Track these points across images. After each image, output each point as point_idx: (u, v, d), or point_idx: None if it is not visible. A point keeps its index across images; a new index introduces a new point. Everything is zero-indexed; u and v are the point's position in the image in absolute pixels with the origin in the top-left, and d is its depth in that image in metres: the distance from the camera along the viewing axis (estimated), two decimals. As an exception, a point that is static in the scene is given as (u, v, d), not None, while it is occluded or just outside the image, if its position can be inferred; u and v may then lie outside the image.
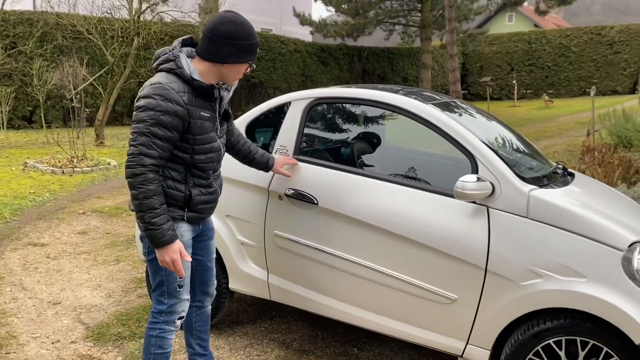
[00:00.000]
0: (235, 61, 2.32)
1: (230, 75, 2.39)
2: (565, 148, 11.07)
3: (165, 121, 2.20)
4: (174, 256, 2.28)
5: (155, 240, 2.25)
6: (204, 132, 2.35)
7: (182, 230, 2.43)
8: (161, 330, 2.48)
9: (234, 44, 2.28)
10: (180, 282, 2.46)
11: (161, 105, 2.20)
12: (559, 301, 2.40)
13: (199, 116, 2.31)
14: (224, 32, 2.26)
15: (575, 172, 3.25)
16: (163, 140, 2.22)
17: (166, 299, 2.47)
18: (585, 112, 18.32)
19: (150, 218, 2.21)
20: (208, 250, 2.72)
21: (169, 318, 2.48)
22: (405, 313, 2.80)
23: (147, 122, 2.19)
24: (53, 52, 14.40)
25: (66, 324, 3.62)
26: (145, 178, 2.19)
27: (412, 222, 2.72)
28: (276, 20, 30.10)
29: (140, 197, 2.20)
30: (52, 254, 5.01)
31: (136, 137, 2.21)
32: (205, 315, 2.82)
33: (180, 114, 2.23)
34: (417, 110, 2.89)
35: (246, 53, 2.33)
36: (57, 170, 8.61)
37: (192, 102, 2.28)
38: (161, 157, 2.24)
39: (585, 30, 26.49)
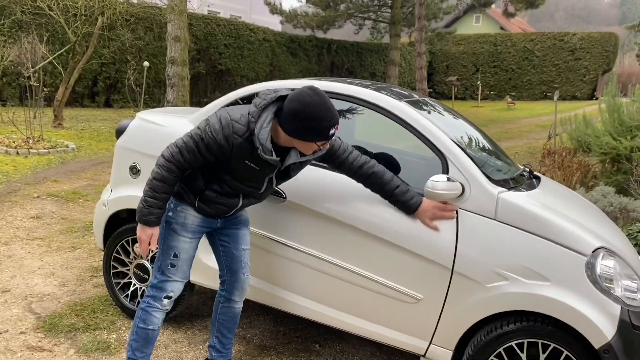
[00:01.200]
0: (298, 137, 2.29)
1: (300, 147, 2.35)
2: (526, 150, 11.30)
3: (210, 146, 2.31)
4: (143, 237, 2.40)
5: (140, 214, 2.37)
6: (242, 173, 2.40)
7: (187, 212, 2.51)
8: (148, 304, 2.55)
9: (300, 123, 2.25)
10: (174, 261, 2.52)
11: (216, 132, 2.28)
12: (523, 304, 2.42)
13: (242, 163, 2.36)
14: (291, 109, 2.25)
15: (541, 176, 3.28)
16: (201, 155, 2.34)
17: (159, 275, 2.55)
18: (545, 115, 18.78)
19: (148, 196, 2.35)
20: (234, 238, 2.70)
21: (157, 294, 2.54)
22: (369, 311, 2.78)
23: (200, 135, 2.31)
24: (11, 27, 13.77)
25: (15, 313, 3.46)
26: (168, 167, 2.33)
27: (379, 220, 2.69)
28: (246, 7, 29.67)
29: (155, 176, 2.34)
30: (3, 238, 4.79)
31: (189, 137, 2.34)
32: (233, 312, 2.78)
33: (224, 150, 2.31)
34: (389, 106, 2.85)
35: (309, 134, 2.27)
36: (12, 150, 8.26)
37: (243, 149, 2.31)
38: (191, 164, 2.36)
39: (549, 35, 27.11)
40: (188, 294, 3.33)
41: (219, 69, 18.62)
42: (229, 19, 20.17)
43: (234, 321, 2.81)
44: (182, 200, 2.51)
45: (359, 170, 2.64)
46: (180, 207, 2.51)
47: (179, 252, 2.52)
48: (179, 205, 2.51)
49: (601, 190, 5.24)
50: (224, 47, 18.82)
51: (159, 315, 2.56)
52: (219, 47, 18.62)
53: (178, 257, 2.53)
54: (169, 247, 2.51)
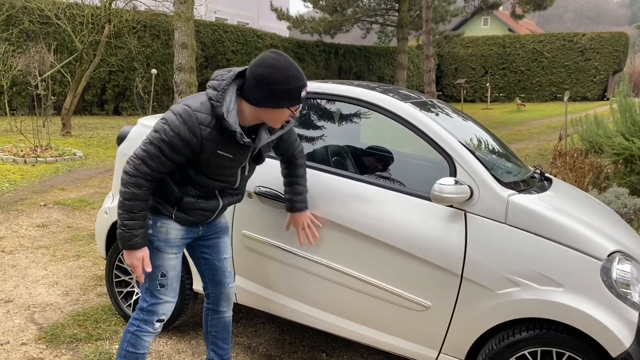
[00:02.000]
0: (268, 106, 2.14)
1: (271, 120, 2.20)
2: (536, 152, 11.16)
3: (175, 144, 2.13)
4: (135, 262, 2.25)
5: (122, 241, 2.22)
6: (215, 166, 2.24)
7: (168, 226, 2.36)
8: (138, 328, 2.41)
9: (268, 89, 2.11)
10: (162, 281, 2.38)
11: (178, 128, 2.12)
12: (535, 311, 2.32)
13: (214, 153, 2.20)
14: (258, 75, 2.11)
15: (552, 178, 3.18)
16: (167, 159, 2.17)
17: (148, 297, 2.40)
18: (556, 116, 18.60)
19: (125, 219, 2.18)
20: (215, 248, 2.58)
21: (148, 317, 2.41)
22: (376, 319, 2.69)
23: (160, 137, 2.14)
24: (19, 36, 13.89)
25: (18, 324, 3.40)
26: (136, 182, 2.16)
27: (385, 225, 2.60)
28: (253, 14, 29.77)
29: (125, 196, 2.17)
30: (8, 247, 4.76)
31: (147, 144, 2.17)
32: (223, 323, 2.69)
33: (192, 144, 2.14)
34: (395, 109, 2.77)
35: (282, 98, 2.13)
36: (19, 159, 8.27)
37: (213, 138, 2.16)
38: (159, 171, 2.19)
39: (558, 36, 26.90)
40: (192, 303, 3.26)
41: (226, 75, 18.61)
42: (236, 26, 20.21)
43: (227, 330, 2.72)
44: (160, 215, 2.33)
45: (291, 158, 2.64)
46: (159, 223, 2.34)
47: (167, 271, 2.37)
48: (157, 221, 2.34)
49: (614, 191, 5.12)
50: (232, 54, 18.85)
51: (150, 338, 2.43)
52: (227, 54, 18.66)
53: (166, 275, 2.38)
54: (155, 267, 2.35)
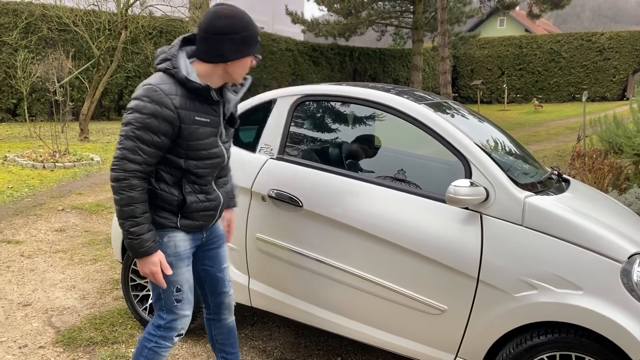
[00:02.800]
0: (237, 57, 2.13)
1: (236, 73, 2.19)
2: (554, 153, 11.02)
3: (152, 125, 2.04)
4: (153, 268, 2.14)
5: (134, 250, 2.11)
6: (199, 138, 2.16)
7: (176, 239, 2.25)
8: (157, 344, 2.33)
9: (233, 39, 2.09)
10: (178, 295, 2.28)
11: (148, 108, 2.04)
12: (553, 314, 2.28)
13: (192, 121, 2.12)
14: (220, 29, 2.08)
15: (570, 179, 3.13)
16: (150, 146, 2.06)
17: (165, 314, 2.31)
18: (574, 117, 18.36)
19: (130, 226, 2.07)
20: (216, 259, 2.50)
21: (167, 334, 2.32)
22: (391, 323, 2.67)
23: (133, 126, 2.04)
24: (38, 43, 14.11)
25: (36, 327, 3.44)
26: (128, 184, 2.05)
27: (400, 228, 2.58)
28: (268, 18, 29.88)
29: (121, 203, 2.06)
30: (27, 252, 4.82)
31: (122, 141, 2.06)
32: (227, 328, 2.63)
33: (168, 118, 2.05)
34: (409, 110, 2.75)
35: (246, 46, 2.13)
36: (38, 164, 8.38)
37: (185, 105, 2.10)
38: (147, 163, 2.08)
39: (576, 36, 26.59)
40: (207, 306, 3.26)
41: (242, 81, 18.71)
42: (251, 30, 20.25)
43: (233, 335, 2.66)
44: (164, 229, 2.21)
45: None
46: (166, 238, 2.22)
47: (181, 285, 2.29)
48: (164, 236, 2.22)
49: (635, 192, 5.02)
50: (247, 58, 18.90)
51: (168, 352, 2.37)
52: (242, 58, 18.72)
53: (181, 290, 2.29)
54: (169, 283, 2.25)
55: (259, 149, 3.05)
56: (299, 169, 2.90)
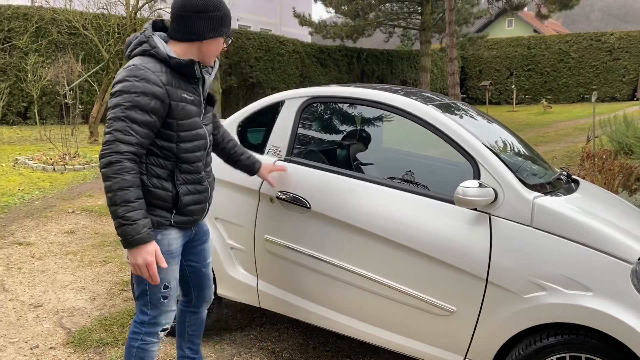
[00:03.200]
0: (213, 35, 2.17)
1: (210, 53, 2.22)
2: (564, 154, 10.96)
3: (142, 103, 2.01)
4: (148, 258, 2.02)
5: (128, 237, 1.99)
6: (187, 117, 2.16)
7: (170, 237, 2.24)
8: (143, 341, 2.31)
9: (209, 17, 2.13)
10: (165, 292, 2.26)
11: (137, 87, 2.01)
12: (563, 316, 2.27)
13: (180, 98, 2.13)
14: (196, 6, 2.11)
15: (579, 179, 3.12)
16: (141, 125, 2.02)
17: (149, 310, 2.28)
18: (584, 118, 18.25)
19: (124, 212, 1.96)
20: (201, 255, 2.53)
21: (152, 329, 2.31)
22: (400, 324, 2.67)
23: (122, 106, 2.00)
24: (48, 47, 14.24)
25: (46, 328, 3.47)
26: (121, 167, 1.97)
27: (409, 229, 2.58)
28: (276, 20, 29.98)
29: (114, 187, 1.96)
30: (38, 253, 4.86)
31: (111, 123, 2.01)
32: (200, 320, 2.68)
33: (158, 94, 2.04)
34: (417, 111, 2.75)
35: (221, 25, 2.18)
36: (48, 167, 8.45)
37: (171, 82, 2.11)
38: (140, 145, 2.03)
39: (585, 36, 26.43)
40: (216, 307, 3.28)
41: (250, 82, 18.80)
42: (259, 33, 20.38)
43: (202, 326, 2.69)
44: (159, 228, 2.18)
45: (224, 136, 2.66)
46: (160, 235, 2.19)
47: (169, 281, 2.27)
48: (158, 234, 2.18)
49: (645, 193, 4.99)
50: (255, 60, 19.00)
51: (156, 347, 2.35)
52: (250, 61, 18.81)
53: (169, 287, 2.27)
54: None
55: (267, 151, 3.06)
56: (307, 170, 2.91)
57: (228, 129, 3.23)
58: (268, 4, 29.75)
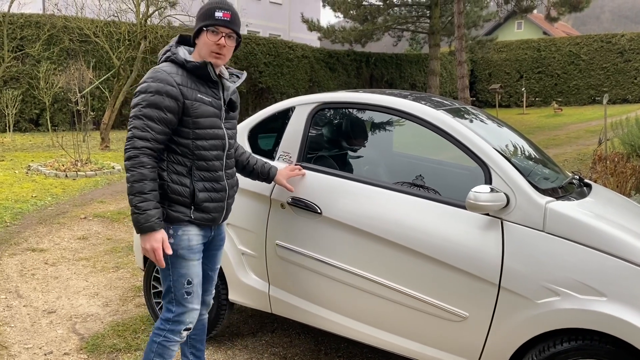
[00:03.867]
0: (197, 31, 2.33)
1: (202, 50, 2.33)
2: (575, 157, 10.89)
3: (157, 101, 2.20)
4: (155, 244, 2.21)
5: (139, 224, 2.19)
6: (203, 115, 2.30)
7: (190, 234, 2.36)
8: (165, 338, 2.41)
9: (197, 18, 2.34)
10: (189, 288, 2.39)
11: (152, 87, 2.21)
12: (577, 321, 2.25)
13: (196, 98, 2.29)
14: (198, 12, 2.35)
15: (592, 183, 3.10)
16: (157, 122, 2.20)
17: (174, 307, 2.40)
18: (595, 120, 18.12)
19: (138, 201, 2.17)
20: (214, 259, 2.62)
21: (175, 327, 2.41)
22: (412, 330, 2.66)
23: (140, 105, 2.21)
24: (60, 55, 14.40)
25: (60, 334, 3.50)
26: (138, 161, 2.17)
27: (420, 234, 2.58)
28: (285, 26, 30.09)
29: (131, 179, 2.18)
30: (51, 260, 4.90)
31: (131, 121, 2.23)
32: (201, 324, 2.71)
33: (172, 93, 2.22)
34: (427, 116, 2.75)
35: (200, 19, 2.32)
36: (61, 173, 8.53)
37: (186, 83, 2.28)
38: (156, 140, 2.21)
39: (596, 38, 26.25)
40: (228, 313, 3.29)
41: (259, 87, 18.87)
42: (268, 38, 20.46)
43: (204, 331, 2.74)
44: (179, 223, 2.33)
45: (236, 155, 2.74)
46: (181, 231, 2.34)
47: (192, 278, 2.38)
48: (178, 229, 2.33)
49: (659, 196, 4.94)
50: (264, 66, 19.07)
51: (177, 347, 2.44)
52: (259, 66, 18.89)
53: (192, 283, 2.39)
54: (180, 276, 2.35)
55: (278, 157, 3.07)
56: (318, 175, 2.92)
57: (239, 135, 3.25)
58: (277, 10, 29.88)
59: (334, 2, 20.99)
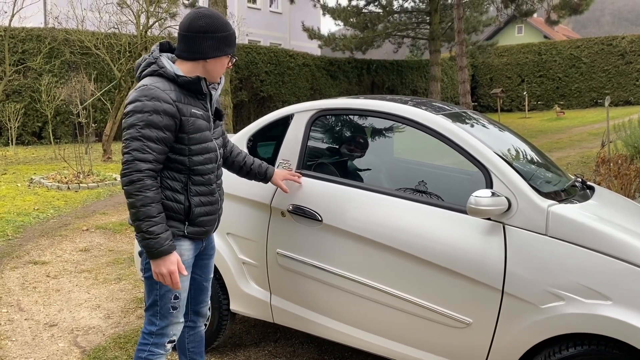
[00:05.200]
0: (217, 55, 2.26)
1: (215, 71, 2.31)
2: (578, 160, 10.84)
3: (155, 121, 2.12)
4: (171, 267, 2.15)
5: (152, 250, 2.12)
6: (198, 131, 2.25)
7: (182, 248, 2.30)
8: (150, 352, 2.34)
9: (213, 37, 2.23)
10: (175, 303, 2.32)
11: (148, 106, 2.12)
12: (582, 326, 2.22)
13: (190, 113, 2.23)
14: (200, 27, 2.22)
15: (595, 186, 3.07)
16: (156, 142, 2.13)
17: (157, 320, 2.33)
18: (597, 123, 18.07)
19: (148, 227, 2.10)
20: (206, 269, 2.58)
21: (159, 340, 2.34)
22: (415, 337, 2.62)
23: (137, 126, 2.11)
24: (61, 67, 14.46)
25: (62, 347, 3.47)
26: (142, 185, 2.09)
27: (422, 240, 2.55)
28: (285, 34, 30.20)
29: (137, 204, 2.09)
30: (53, 272, 4.88)
31: (128, 144, 2.12)
32: (199, 336, 2.67)
33: (169, 111, 2.14)
34: (427, 121, 2.73)
35: (226, 45, 2.27)
36: (63, 186, 8.53)
37: (180, 99, 2.21)
38: (157, 161, 2.14)
39: (596, 40, 26.25)
40: (230, 323, 3.26)
41: (261, 96, 18.90)
42: (269, 47, 20.52)
43: (202, 343, 2.69)
44: (173, 238, 2.25)
45: (232, 150, 2.71)
46: None
47: (180, 293, 2.33)
48: None
49: (664, 198, 4.89)
50: (265, 75, 19.11)
51: (163, 358, 2.39)
52: (260, 75, 18.93)
53: (179, 297, 2.33)
54: (168, 291, 2.29)
55: (278, 165, 3.05)
56: (318, 183, 2.90)
57: (238, 143, 3.23)
58: (277, 19, 30.00)
59: (334, 10, 21.08)
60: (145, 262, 2.31)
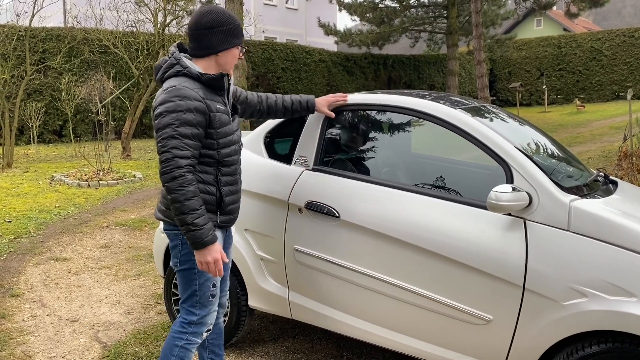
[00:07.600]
0: (226, 47, 2.36)
1: (227, 64, 2.40)
2: (600, 154, 10.68)
3: (189, 119, 2.21)
4: (216, 256, 2.27)
5: (198, 241, 2.22)
6: (223, 125, 2.36)
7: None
8: (187, 341, 2.44)
9: (220, 31, 2.32)
10: (214, 291, 2.44)
11: (181, 105, 2.21)
12: (606, 323, 2.18)
13: (216, 109, 2.33)
14: (207, 24, 2.31)
15: (618, 180, 3.01)
16: (192, 139, 2.23)
17: (198, 310, 2.43)
18: (619, 116, 17.77)
19: (193, 219, 2.20)
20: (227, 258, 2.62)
21: (198, 329, 2.45)
22: (435, 334, 2.60)
23: (173, 125, 2.20)
24: (81, 66, 14.64)
25: (83, 342, 3.51)
26: (184, 180, 2.19)
27: (441, 236, 2.52)
28: (301, 31, 30.19)
29: (181, 199, 2.19)
30: (74, 268, 4.95)
31: (166, 143, 2.20)
32: (218, 328, 2.72)
33: (200, 108, 2.25)
34: (446, 116, 2.70)
35: (233, 36, 2.37)
36: (83, 183, 8.64)
37: (206, 96, 2.31)
38: (194, 157, 2.25)
39: (618, 32, 25.77)
40: (248, 319, 3.27)
41: (277, 92, 18.92)
42: (285, 44, 20.54)
43: (221, 335, 2.75)
44: None
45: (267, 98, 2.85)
46: None
47: (217, 280, 2.46)
48: None
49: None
50: (282, 71, 19.14)
51: (195, 350, 2.49)
52: (277, 72, 18.97)
53: (216, 285, 2.46)
54: (207, 279, 2.41)
55: (295, 161, 3.05)
56: (335, 179, 2.88)
57: (255, 139, 3.23)
58: (293, 16, 30.00)
59: (350, 6, 21.02)
60: (181, 254, 2.40)
